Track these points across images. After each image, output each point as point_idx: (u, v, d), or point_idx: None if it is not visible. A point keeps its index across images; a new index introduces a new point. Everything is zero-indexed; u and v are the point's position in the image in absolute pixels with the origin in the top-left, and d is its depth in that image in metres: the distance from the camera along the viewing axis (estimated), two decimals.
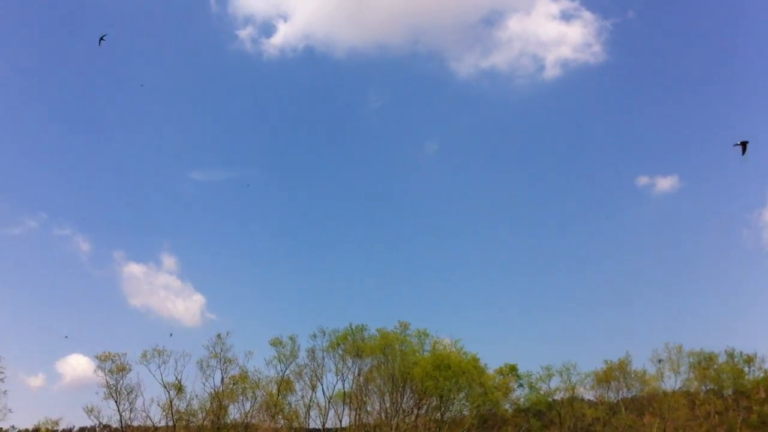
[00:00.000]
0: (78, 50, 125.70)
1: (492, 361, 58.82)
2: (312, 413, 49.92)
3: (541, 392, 53.74)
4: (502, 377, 53.93)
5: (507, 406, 53.60)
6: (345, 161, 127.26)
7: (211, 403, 47.67)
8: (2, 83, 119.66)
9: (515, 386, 54.41)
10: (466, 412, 51.91)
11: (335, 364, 50.36)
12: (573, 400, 54.00)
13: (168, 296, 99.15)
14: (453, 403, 51.03)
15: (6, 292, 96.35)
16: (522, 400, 54.22)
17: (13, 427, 50.50)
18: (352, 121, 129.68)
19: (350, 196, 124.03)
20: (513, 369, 54.67)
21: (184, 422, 47.52)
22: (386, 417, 50.01)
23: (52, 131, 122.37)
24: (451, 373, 48.97)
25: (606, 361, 54.61)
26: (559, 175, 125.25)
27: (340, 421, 50.34)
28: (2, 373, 44.33)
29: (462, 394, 51.06)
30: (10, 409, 44.06)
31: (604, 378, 54.31)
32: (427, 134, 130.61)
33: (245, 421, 48.28)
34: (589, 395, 54.96)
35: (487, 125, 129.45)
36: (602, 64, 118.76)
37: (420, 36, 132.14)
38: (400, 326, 51.11)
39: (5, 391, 44.11)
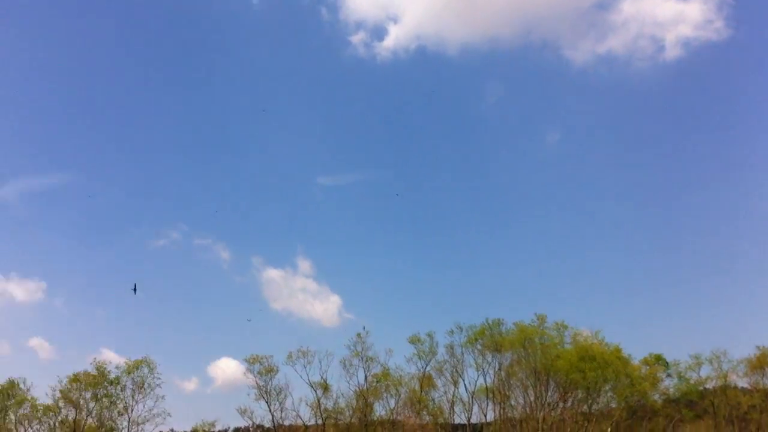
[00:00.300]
0: (205, 73, 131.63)
1: (634, 351, 56.65)
2: (456, 409, 49.78)
3: (691, 382, 51.14)
4: (648, 368, 51.65)
5: (656, 397, 51.38)
6: (466, 157, 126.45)
7: (357, 401, 48.19)
8: (147, 113, 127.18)
9: (663, 376, 52.01)
10: (613, 405, 50.16)
11: (475, 360, 49.88)
12: (726, 389, 51.20)
13: (306, 298, 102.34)
14: (600, 396, 49.29)
15: (155, 301, 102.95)
16: (671, 390, 51.86)
17: (172, 430, 53.07)
18: (470, 117, 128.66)
19: (475, 191, 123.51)
20: (659, 359, 52.29)
21: (332, 420, 48.34)
22: (531, 411, 49.02)
23: (185, 149, 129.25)
24: (597, 364, 47.29)
25: (759, 347, 51.31)
26: (688, 160, 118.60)
27: (485, 416, 49.94)
28: (159, 379, 46.52)
29: (608, 386, 49.25)
30: (169, 413, 46.20)
31: (758, 364, 51.13)
32: (548, 125, 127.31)
33: (391, 418, 48.51)
34: (742, 382, 51.97)
35: (609, 111, 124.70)
36: (727, 41, 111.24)
37: (532, 26, 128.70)
38: (538, 319, 49.80)
39: (163, 396, 46.27)
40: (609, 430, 49.72)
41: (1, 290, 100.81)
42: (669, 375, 52.28)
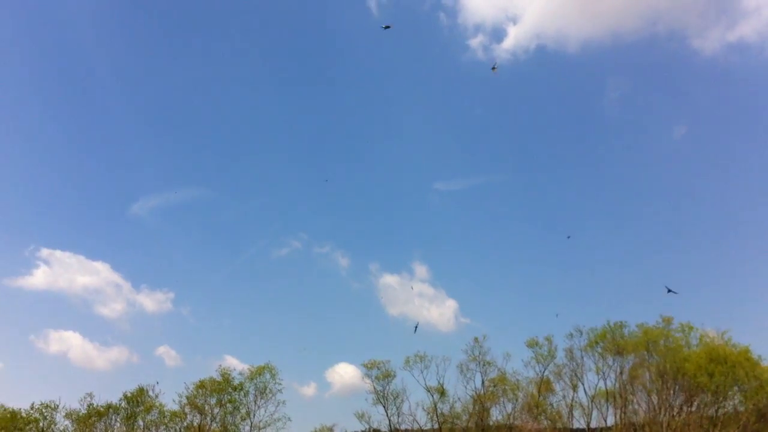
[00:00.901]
0: (324, 83, 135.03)
1: (764, 352, 54.40)
2: (575, 413, 48.94)
3: None
4: None
5: None
6: (588, 156, 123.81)
7: (474, 406, 47.97)
8: (267, 126, 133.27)
9: None
10: (741, 408, 48.27)
11: (595, 363, 48.78)
12: None
13: (422, 303, 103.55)
14: (727, 399, 47.50)
15: (278, 307, 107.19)
16: None
17: None
18: (592, 113, 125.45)
19: (598, 191, 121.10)
20: None
21: (449, 425, 48.29)
22: (654, 415, 47.68)
23: (305, 158, 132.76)
24: (726, 367, 45.48)
25: None
26: None
27: (605, 420, 48.90)
28: (280, 384, 47.13)
29: (736, 389, 47.41)
30: (289, 418, 46.90)
31: None
32: (674, 118, 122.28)
33: (508, 423, 48.04)
34: None
35: (740, 102, 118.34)
36: None
37: (658, 16, 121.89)
38: (663, 321, 48.05)
39: (284, 401, 46.96)
40: None
41: (132, 301, 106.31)
42: None
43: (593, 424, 49.04)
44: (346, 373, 76.22)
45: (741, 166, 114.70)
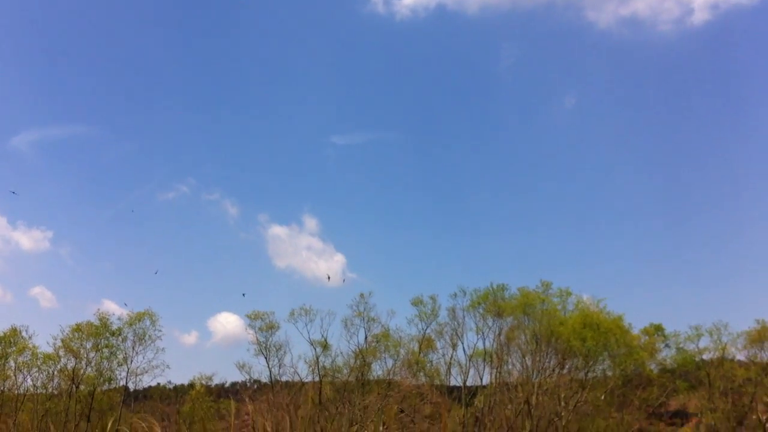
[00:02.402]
0: (219, 28, 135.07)
1: (635, 321, 57.94)
2: (453, 371, 51.15)
3: (689, 353, 52.36)
4: (647, 337, 52.82)
5: (652, 367, 52.83)
6: (480, 120, 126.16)
7: (356, 360, 49.35)
8: (158, 67, 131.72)
9: (661, 346, 53.29)
10: (609, 373, 51.48)
11: (476, 323, 50.86)
12: (723, 361, 52.47)
13: (310, 257, 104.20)
14: (597, 363, 50.56)
15: (162, 253, 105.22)
16: (668, 360, 53.29)
17: (169, 382, 54.58)
18: (486, 78, 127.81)
19: (486, 155, 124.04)
20: (659, 329, 53.57)
21: (329, 378, 49.63)
22: (527, 376, 50.28)
23: (197, 104, 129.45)
24: (598, 332, 48.36)
25: (759, 321, 52.34)
26: (707, 129, 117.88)
27: (481, 379, 51.41)
28: (160, 331, 47.48)
29: (606, 354, 50.49)
30: (168, 366, 47.40)
31: (757, 338, 52.26)
32: (564, 89, 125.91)
33: (388, 378, 49.78)
34: (740, 356, 53.27)
35: (629, 77, 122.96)
36: (757, 5, 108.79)
37: None
38: (542, 285, 50.62)
39: (163, 348, 47.41)
40: (603, 396, 51.18)
41: (8, 238, 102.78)
42: (667, 345, 53.67)
43: (469, 382, 51.44)
44: (228, 323, 76.93)
45: (627, 139, 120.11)
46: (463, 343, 51.15)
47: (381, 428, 47.99)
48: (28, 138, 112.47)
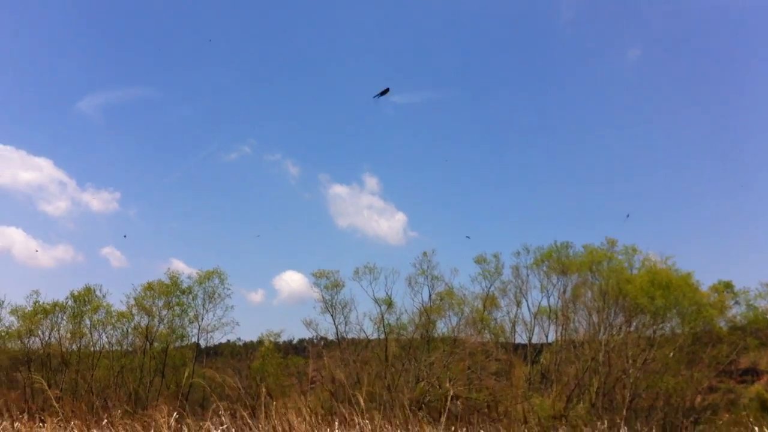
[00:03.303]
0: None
1: (704, 278, 57.02)
2: (518, 328, 51.35)
3: (759, 309, 51.42)
4: (716, 294, 51.94)
5: (722, 324, 51.99)
6: (538, 75, 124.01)
7: (420, 318, 49.77)
8: (216, 32, 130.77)
9: (731, 303, 52.39)
10: (678, 330, 50.94)
11: (540, 281, 50.82)
12: None
13: (372, 216, 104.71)
14: (665, 321, 50.04)
15: (226, 213, 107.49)
16: (738, 317, 52.35)
17: (239, 338, 55.84)
18: (545, 32, 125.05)
19: (548, 111, 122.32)
20: (728, 286, 52.55)
21: (394, 335, 50.26)
22: (594, 333, 50.18)
23: (254, 66, 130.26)
24: (668, 291, 47.76)
25: None
26: None
27: (546, 337, 51.54)
28: (229, 289, 48.52)
29: (674, 311, 49.91)
30: (237, 323, 48.55)
31: None
32: (627, 42, 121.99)
33: (453, 335, 50.21)
34: None
35: (695, 28, 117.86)
36: None
37: None
38: (608, 243, 50.01)
39: (232, 306, 48.53)
40: (672, 354, 50.76)
41: (78, 200, 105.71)
42: (737, 302, 52.68)
43: (534, 340, 51.70)
44: (293, 281, 78.08)
45: (694, 92, 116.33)
46: (527, 301, 51.38)
47: (448, 384, 48.61)
48: (94, 102, 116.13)
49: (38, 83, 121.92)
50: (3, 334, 46.33)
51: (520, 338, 51.88)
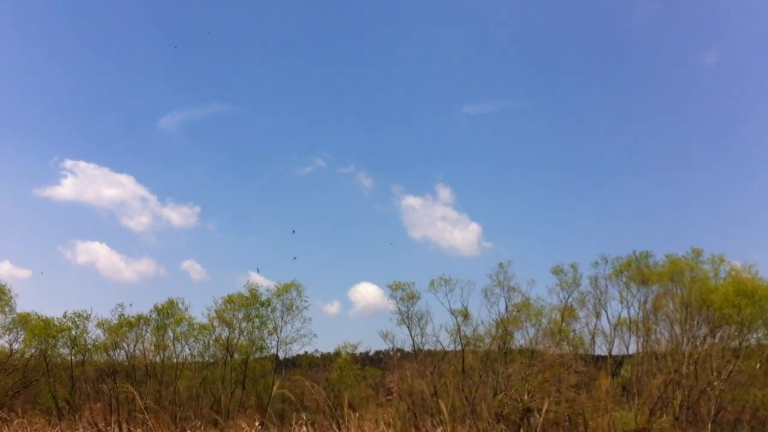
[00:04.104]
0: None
1: None
2: (597, 340, 50.72)
3: None
4: None
5: None
6: (614, 82, 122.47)
7: (497, 329, 49.56)
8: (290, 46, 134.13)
9: None
10: (765, 341, 49.69)
11: (619, 292, 50.19)
12: None
13: (445, 227, 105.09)
14: (752, 332, 48.84)
15: (301, 225, 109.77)
16: None
17: (316, 350, 56.56)
18: (620, 38, 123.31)
19: (623, 117, 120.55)
20: None
21: (471, 347, 50.18)
22: (676, 345, 49.23)
23: (328, 78, 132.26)
24: (754, 300, 46.61)
25: None
26: None
27: (627, 348, 50.81)
28: (306, 301, 49.11)
29: (760, 321, 48.67)
30: (315, 334, 49.12)
31: None
32: (705, 45, 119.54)
33: (531, 347, 49.85)
34: None
35: None
36: None
37: None
38: (693, 252, 49.02)
39: (310, 318, 49.08)
40: (759, 366, 49.51)
41: (159, 215, 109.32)
42: None
43: (615, 352, 51.03)
44: (368, 293, 78.61)
45: None
46: (606, 312, 50.80)
47: (526, 397, 48.30)
48: (174, 119, 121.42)
49: (121, 103, 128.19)
50: (90, 346, 47.81)
51: (600, 350, 51.41)
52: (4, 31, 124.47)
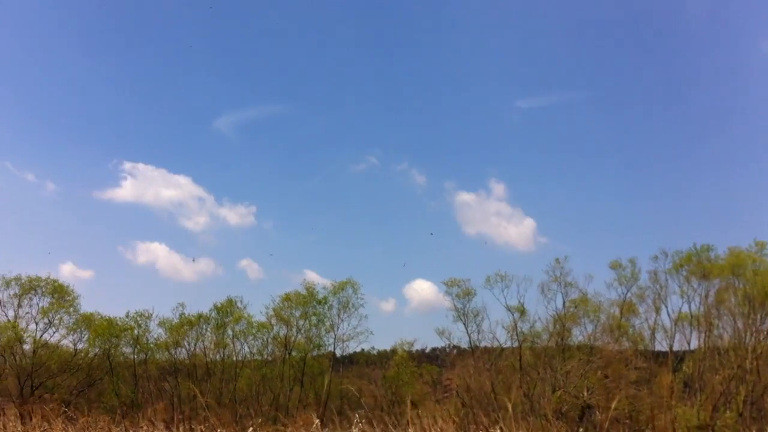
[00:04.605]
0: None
1: None
2: (657, 335, 50.22)
3: None
4: None
5: None
6: (670, 73, 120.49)
7: (554, 325, 49.37)
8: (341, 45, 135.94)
9: None
10: None
11: (679, 286, 49.57)
12: None
13: (500, 222, 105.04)
14: None
15: (356, 224, 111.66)
16: None
17: (373, 347, 56.92)
18: (674, 28, 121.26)
19: (680, 109, 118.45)
20: None
21: (528, 343, 50.03)
22: (739, 340, 48.48)
23: (378, 77, 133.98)
24: None
25: None
26: None
27: (688, 344, 50.23)
28: (362, 299, 49.48)
29: None
30: (371, 332, 49.45)
31: None
32: (762, 32, 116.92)
33: (589, 343, 49.54)
34: None
35: None
36: None
37: None
38: (756, 245, 48.23)
39: (366, 315, 49.45)
40: None
41: (216, 215, 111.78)
42: None
43: (676, 347, 50.42)
44: (423, 290, 78.68)
45: None
46: (666, 307, 50.23)
47: (585, 393, 47.99)
48: (229, 120, 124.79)
49: (177, 105, 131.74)
50: (152, 345, 48.86)
51: (660, 346, 50.85)
52: (63, 37, 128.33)
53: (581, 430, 47.43)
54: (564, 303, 49.86)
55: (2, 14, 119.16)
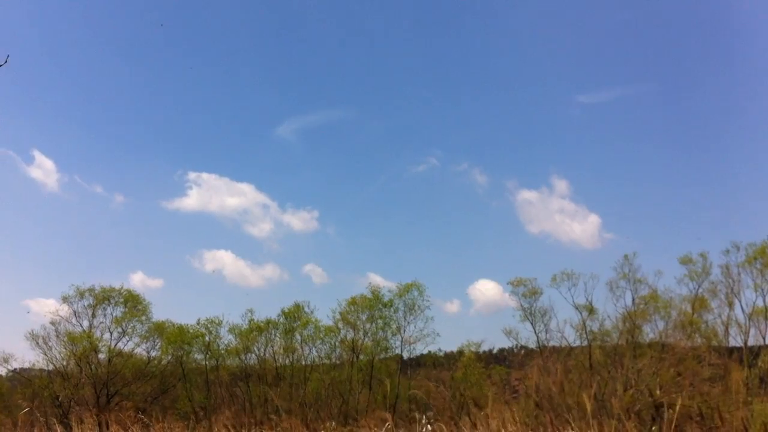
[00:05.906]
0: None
1: None
2: (731, 331, 49.61)
3: None
4: None
5: None
6: (733, 62, 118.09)
7: (624, 323, 49.15)
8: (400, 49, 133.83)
9: None
10: None
11: (753, 280, 48.75)
12: None
13: (563, 220, 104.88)
14: None
15: (417, 225, 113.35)
16: None
17: (439, 349, 57.41)
18: (737, 17, 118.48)
19: (748, 98, 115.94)
20: None
21: (598, 342, 49.96)
22: None
23: (438, 78, 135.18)
24: None
25: None
26: None
27: (763, 338, 49.44)
28: (428, 301, 49.86)
29: None
30: (438, 334, 49.95)
31: None
32: None
33: (661, 340, 49.26)
34: None
35: None
36: None
37: None
38: None
39: (432, 317, 49.78)
40: None
41: (280, 221, 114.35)
42: None
43: (750, 342, 49.80)
44: (487, 290, 78.83)
45: None
46: (740, 301, 49.54)
47: (658, 392, 47.79)
48: (290, 126, 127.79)
49: (239, 114, 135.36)
50: (223, 351, 50.14)
51: (735, 341, 50.23)
52: (129, 54, 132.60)
53: (654, 428, 47.47)
54: (633, 300, 49.66)
55: (72, 31, 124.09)
